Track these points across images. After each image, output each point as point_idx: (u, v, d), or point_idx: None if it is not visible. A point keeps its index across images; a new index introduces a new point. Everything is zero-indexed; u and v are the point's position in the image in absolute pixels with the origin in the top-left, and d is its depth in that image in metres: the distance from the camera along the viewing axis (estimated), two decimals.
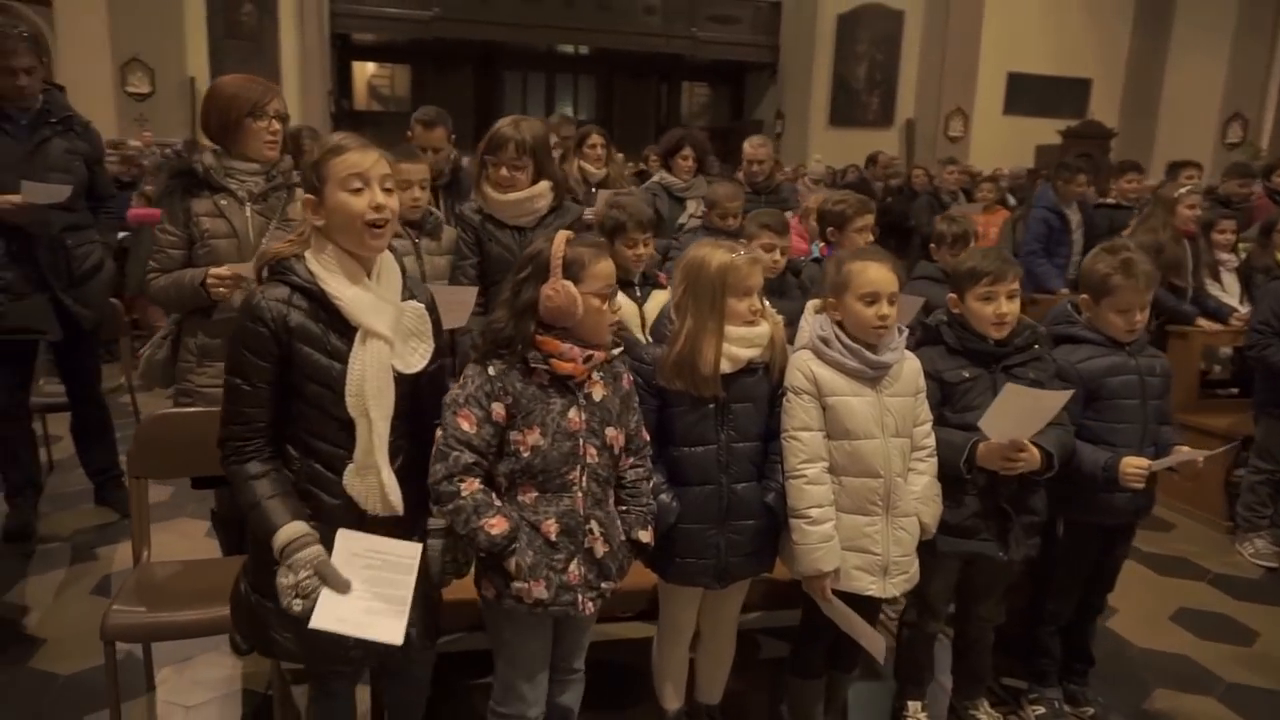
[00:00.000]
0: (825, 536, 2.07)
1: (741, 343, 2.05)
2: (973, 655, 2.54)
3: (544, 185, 2.79)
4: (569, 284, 1.80)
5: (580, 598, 1.88)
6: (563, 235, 1.87)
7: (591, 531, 1.89)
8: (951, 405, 2.26)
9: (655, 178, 5.19)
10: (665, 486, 2.08)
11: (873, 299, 2.09)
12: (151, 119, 13.76)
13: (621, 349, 2.00)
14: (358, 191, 1.71)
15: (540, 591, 1.83)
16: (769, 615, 2.92)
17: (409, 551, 1.78)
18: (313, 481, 1.76)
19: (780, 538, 2.15)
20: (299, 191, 2.69)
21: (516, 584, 1.83)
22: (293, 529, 1.71)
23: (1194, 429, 4.23)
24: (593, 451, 1.89)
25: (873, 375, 2.12)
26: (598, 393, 1.91)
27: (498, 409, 1.82)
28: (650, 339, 2.30)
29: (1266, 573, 3.75)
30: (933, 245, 3.53)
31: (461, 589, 1.98)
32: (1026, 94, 17.04)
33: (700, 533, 2.10)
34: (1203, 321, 4.41)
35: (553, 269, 1.81)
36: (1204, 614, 3.36)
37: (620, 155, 5.36)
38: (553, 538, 1.85)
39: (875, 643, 2.12)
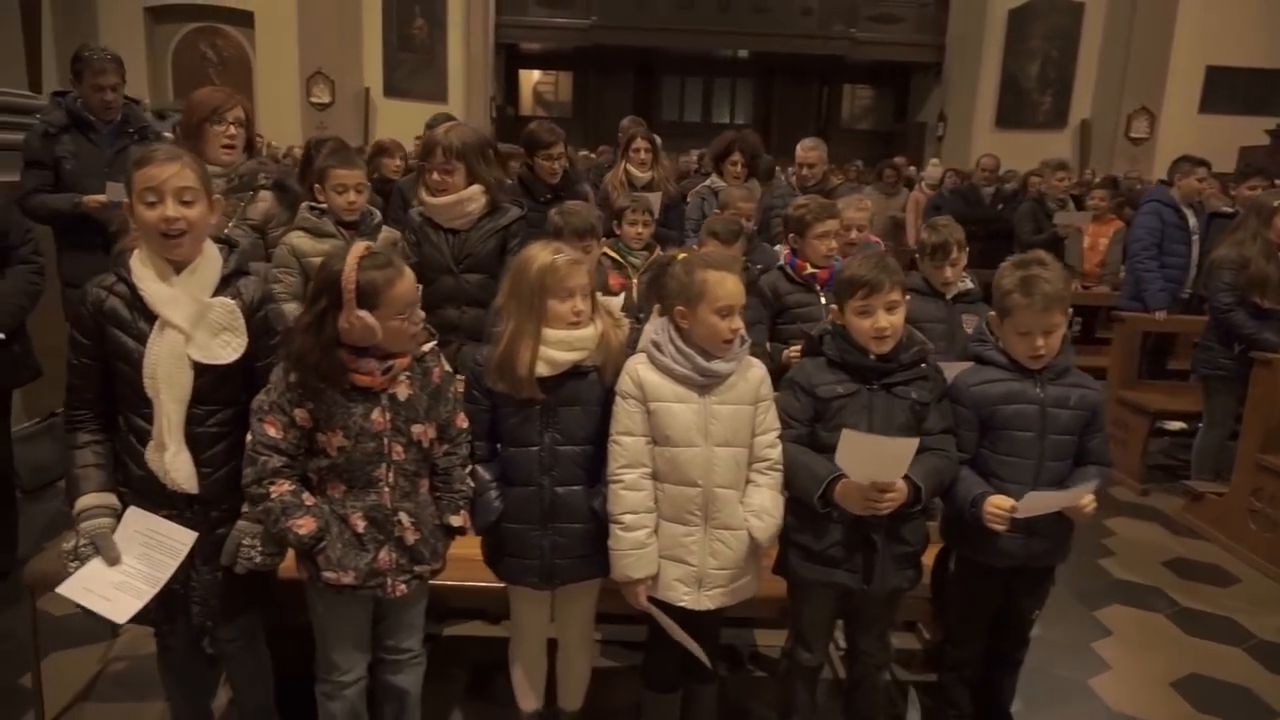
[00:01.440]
0: (637, 543, 2.01)
1: (561, 345, 2.01)
2: (858, 695, 2.35)
3: (475, 189, 2.87)
4: (365, 315, 1.84)
5: (391, 581, 1.95)
6: (354, 260, 1.86)
7: (400, 522, 1.95)
8: (824, 422, 2.09)
9: (707, 181, 5.14)
10: (494, 485, 2.09)
11: (727, 312, 2.00)
12: (329, 127, 14.95)
13: (433, 344, 2.04)
14: (152, 205, 1.86)
15: (349, 579, 1.92)
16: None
17: (183, 538, 1.92)
18: (127, 453, 1.94)
19: None
20: (263, 193, 2.94)
21: (325, 573, 1.92)
22: (90, 499, 1.91)
23: (1276, 473, 3.70)
24: (398, 449, 1.94)
25: (703, 382, 2.02)
26: (402, 392, 1.95)
27: (301, 414, 1.91)
28: None
29: None
30: (916, 255, 3.29)
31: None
32: (1228, 89, 15.23)
33: (524, 533, 2.09)
34: None
35: (345, 300, 1.85)
36: (1218, 684, 2.92)
37: (667, 160, 5.31)
38: (360, 530, 1.92)
39: (700, 650, 2.02)
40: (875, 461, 1.95)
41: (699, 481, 2.02)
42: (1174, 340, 5.39)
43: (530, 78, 21.41)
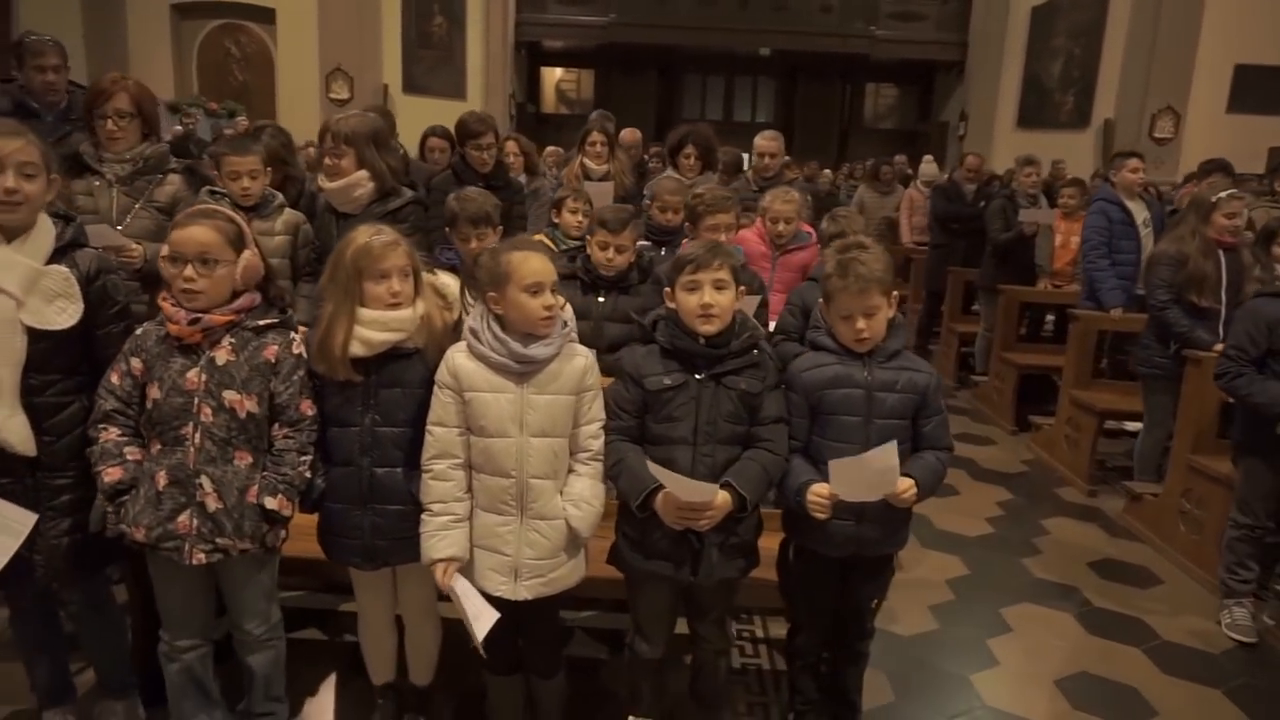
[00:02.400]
0: (441, 526, 2.03)
1: (376, 326, 2.04)
2: (700, 680, 2.35)
3: (361, 175, 2.93)
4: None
5: (189, 547, 1.98)
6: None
7: (202, 486, 1.98)
8: (653, 414, 2.09)
9: (664, 174, 5.15)
10: (319, 466, 2.13)
11: (536, 289, 2.01)
12: None
13: (277, 321, 2.09)
14: None
15: (140, 535, 1.98)
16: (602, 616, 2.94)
17: (24, 520, 2.00)
18: None
19: None
20: (171, 176, 3.02)
21: (121, 525, 1.99)
22: None
23: (1205, 475, 3.61)
24: (208, 411, 1.99)
25: (520, 370, 2.02)
26: (221, 357, 2.00)
27: (136, 363, 2.00)
28: None
29: (1238, 648, 3.13)
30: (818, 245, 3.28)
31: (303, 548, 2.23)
32: (1259, 89, 14.77)
33: (345, 512, 2.12)
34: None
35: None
36: (1105, 683, 2.87)
37: (623, 154, 5.33)
38: (160, 488, 1.97)
39: (480, 628, 2.00)
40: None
41: (512, 472, 2.03)
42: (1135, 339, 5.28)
43: (553, 75, 21.53)
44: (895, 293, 2.16)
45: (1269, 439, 3.02)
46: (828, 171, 13.88)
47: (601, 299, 2.97)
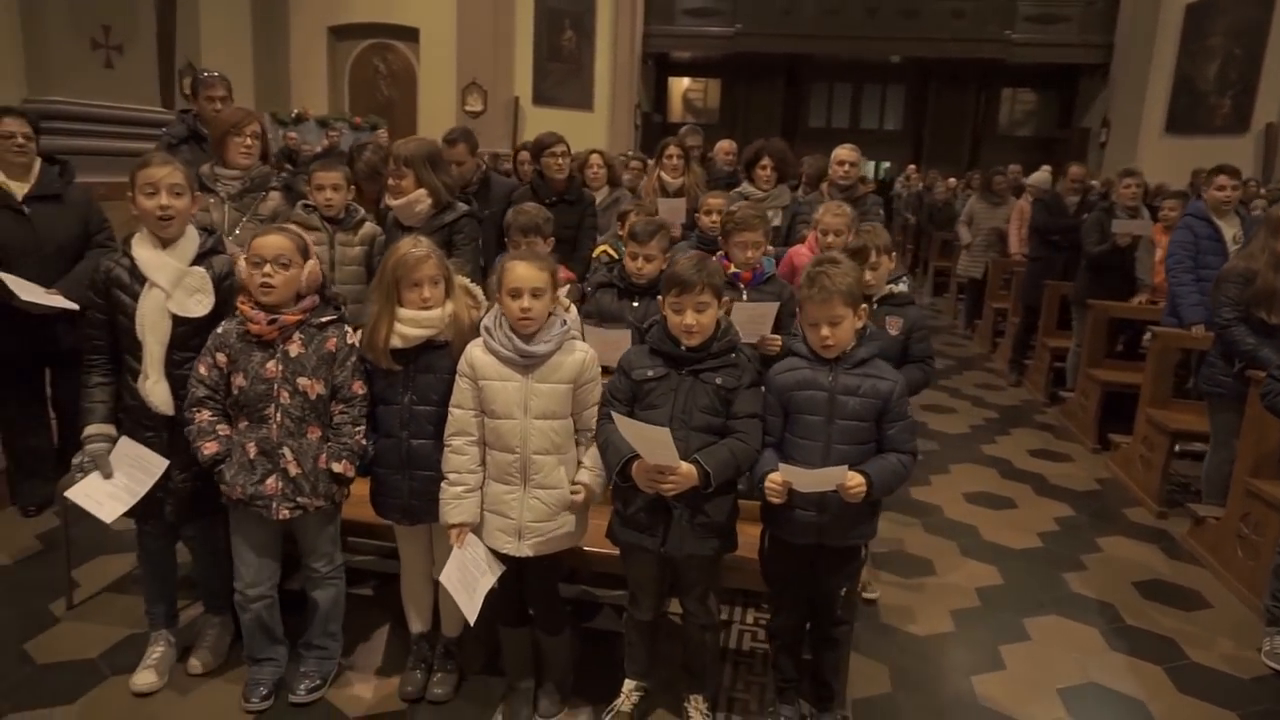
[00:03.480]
0: (456, 495, 2.40)
1: (411, 323, 2.43)
2: (689, 651, 2.60)
3: (420, 192, 3.35)
4: (242, 260, 2.45)
5: (275, 505, 2.44)
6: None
7: (285, 455, 2.44)
8: (639, 402, 2.37)
9: (739, 188, 5.37)
10: (371, 436, 2.53)
11: (516, 293, 2.33)
12: (481, 134, 15.94)
13: (333, 319, 2.50)
14: (150, 195, 2.48)
15: (238, 494, 2.44)
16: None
17: (158, 463, 2.52)
18: (124, 387, 2.56)
19: None
20: (272, 193, 3.54)
21: (223, 486, 2.45)
22: (94, 428, 2.55)
23: (1262, 499, 3.53)
24: (285, 394, 2.43)
25: (524, 363, 2.36)
26: (294, 350, 2.45)
27: (220, 357, 2.46)
28: None
29: (1272, 676, 3.06)
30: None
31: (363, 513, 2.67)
32: None
33: (388, 476, 2.53)
34: None
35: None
36: (1112, 695, 2.90)
37: (698, 167, 5.58)
38: (251, 457, 2.43)
39: (470, 607, 2.39)
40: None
41: (516, 449, 2.37)
42: None
43: (680, 85, 21.92)
44: (864, 306, 2.33)
45: None
46: (951, 180, 13.56)
47: (635, 304, 3.25)
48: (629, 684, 2.65)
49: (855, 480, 2.19)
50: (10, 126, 3.58)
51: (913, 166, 17.60)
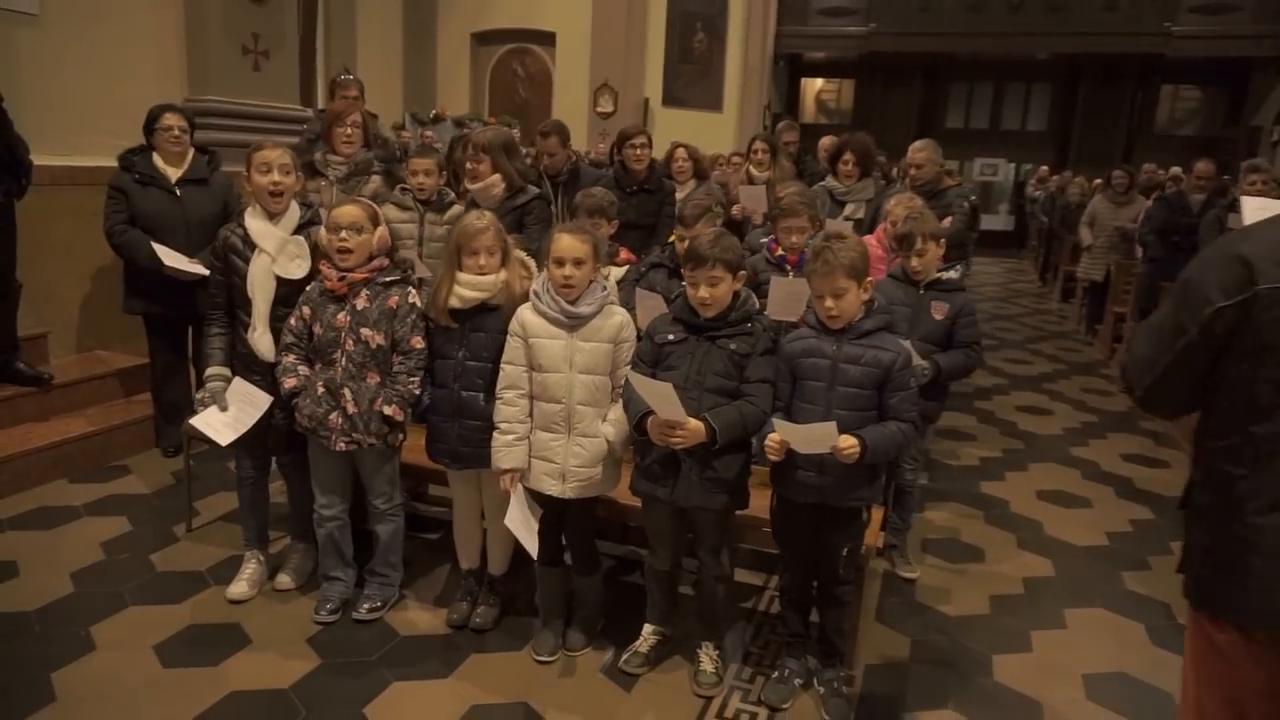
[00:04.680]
0: (507, 444, 2.68)
1: (468, 285, 2.74)
2: (703, 602, 2.79)
3: (495, 177, 3.69)
4: (320, 230, 2.80)
5: (334, 437, 2.82)
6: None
7: (345, 395, 2.81)
8: (660, 364, 2.59)
9: (823, 181, 5.47)
10: (427, 386, 2.87)
11: (560, 262, 2.60)
12: (610, 134, 16.44)
13: (398, 279, 2.86)
14: (264, 172, 2.91)
15: (304, 422, 2.84)
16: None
17: (264, 400, 2.96)
18: (238, 338, 3.02)
19: None
20: (374, 177, 3.97)
21: (297, 415, 2.85)
22: (213, 370, 3.03)
23: None
24: (350, 343, 2.81)
25: (569, 323, 2.63)
26: (360, 304, 2.82)
27: (305, 310, 2.87)
28: None
29: None
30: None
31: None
32: None
33: (439, 423, 2.85)
34: None
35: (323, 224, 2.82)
36: (1138, 684, 2.86)
37: (785, 160, 5.68)
38: (319, 393, 2.82)
39: (526, 538, 2.66)
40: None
41: (562, 400, 2.65)
42: None
43: (813, 86, 21.75)
44: (870, 279, 2.46)
45: None
46: (1080, 180, 12.92)
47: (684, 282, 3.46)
48: (648, 629, 2.86)
49: (848, 443, 2.32)
50: (170, 121, 4.19)
51: (1045, 168, 16.82)
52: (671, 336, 2.58)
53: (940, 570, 3.62)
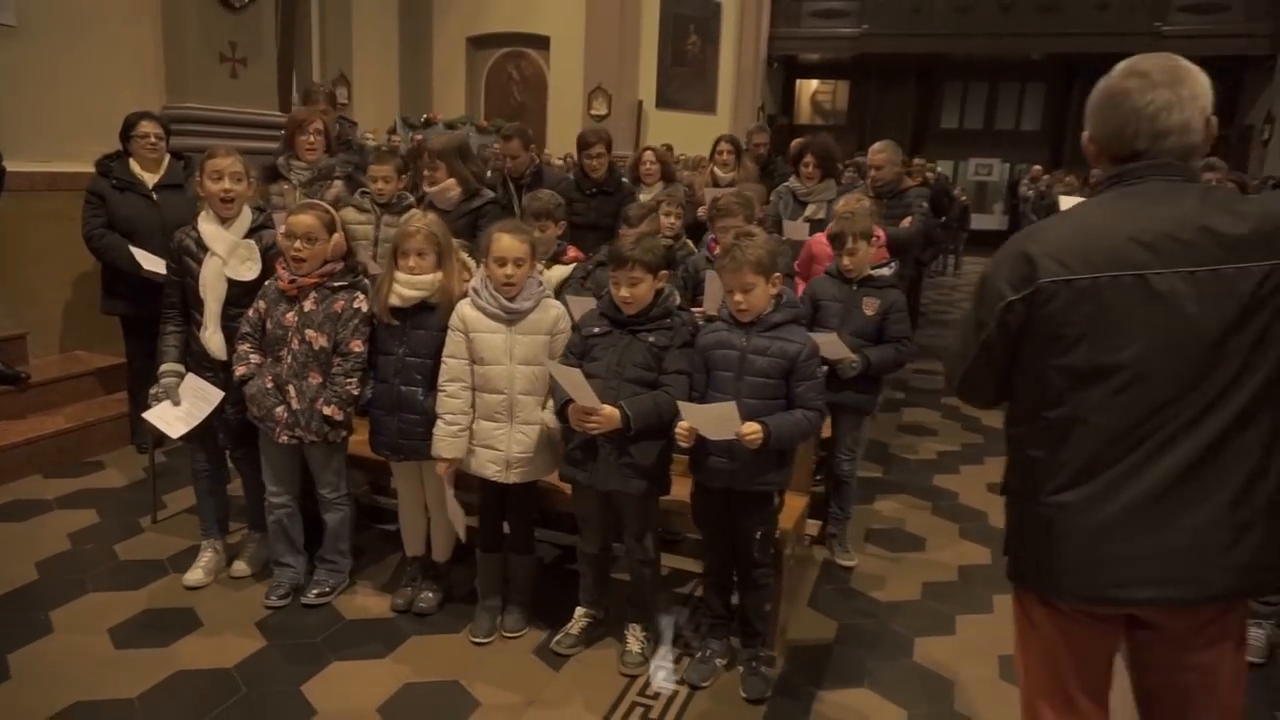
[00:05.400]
0: (449, 434, 2.82)
1: (406, 285, 2.88)
2: (631, 585, 2.92)
3: (450, 182, 3.84)
4: (280, 230, 2.92)
5: (278, 430, 2.96)
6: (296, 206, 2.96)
7: (289, 391, 2.95)
8: (586, 356, 2.73)
9: (787, 183, 5.59)
10: (369, 380, 3.00)
11: (501, 261, 2.74)
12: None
13: (347, 284, 2.99)
14: (216, 179, 3.05)
15: (254, 411, 2.98)
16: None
17: (215, 395, 3.09)
18: (191, 336, 3.15)
19: None
20: (336, 182, 4.12)
21: (247, 400, 2.99)
22: (167, 366, 3.17)
23: None
24: (296, 342, 2.94)
25: (508, 318, 2.77)
26: (308, 306, 2.95)
27: (261, 305, 3.02)
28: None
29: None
30: None
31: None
32: None
33: (381, 417, 2.99)
34: None
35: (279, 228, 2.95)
36: None
37: (749, 161, 5.80)
38: (268, 387, 2.96)
39: (457, 523, 2.79)
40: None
41: (504, 390, 2.79)
42: None
43: (809, 87, 21.84)
44: (778, 274, 2.58)
45: None
46: (1070, 179, 13.02)
47: None
48: (579, 611, 2.99)
49: (750, 429, 2.44)
50: (146, 129, 4.34)
51: (1038, 167, 16.87)
52: (596, 330, 2.72)
53: (879, 559, 3.73)
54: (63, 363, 4.99)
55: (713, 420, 2.44)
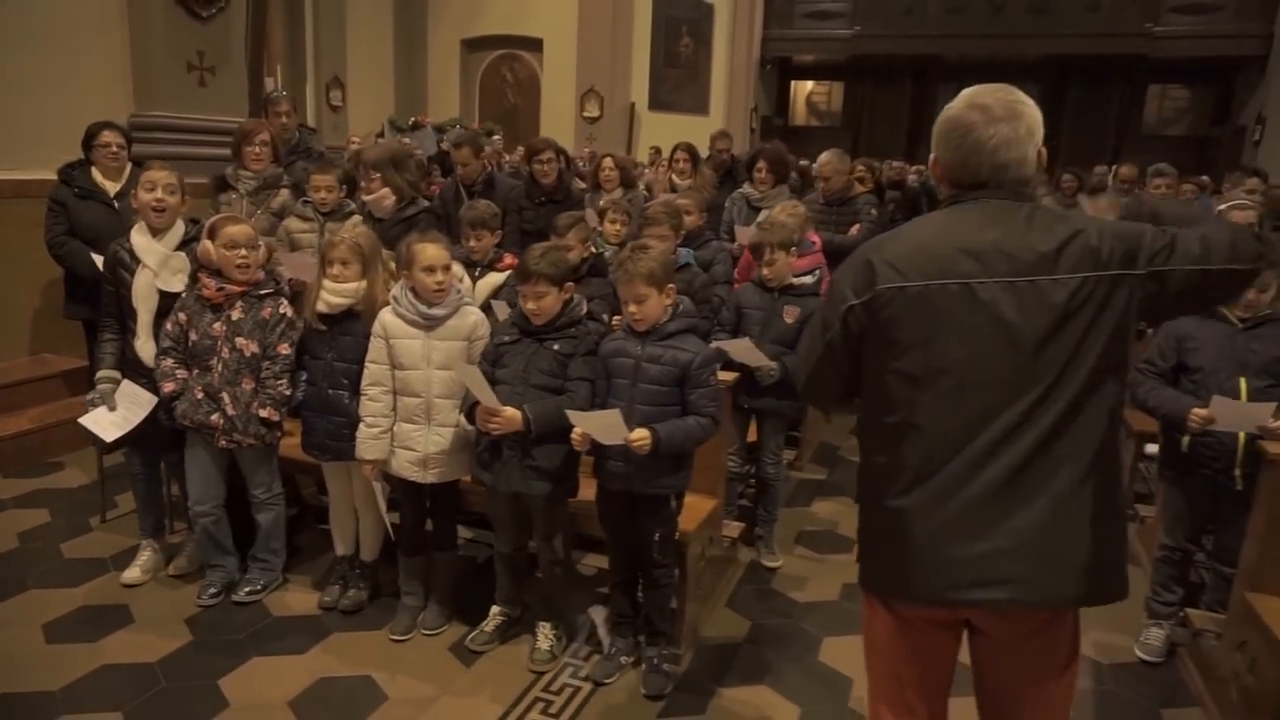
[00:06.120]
0: (371, 436, 2.95)
1: (332, 292, 3.01)
2: (542, 583, 3.03)
3: (385, 191, 3.96)
4: (207, 242, 3.00)
5: (217, 435, 3.08)
6: (218, 215, 3.06)
7: (224, 399, 3.06)
8: (498, 362, 2.83)
9: (741, 189, 5.69)
10: (299, 384, 3.12)
11: (430, 270, 2.85)
12: (597, 139, 16.73)
13: (271, 291, 3.10)
14: (149, 189, 3.17)
15: (186, 423, 3.09)
16: None
17: (148, 400, 3.20)
18: (126, 344, 3.27)
19: None
20: (282, 190, 4.23)
21: (176, 416, 3.10)
22: (102, 373, 3.29)
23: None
24: (226, 350, 3.06)
25: (425, 324, 2.89)
26: (236, 315, 3.07)
27: (182, 317, 3.12)
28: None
29: (1138, 664, 3.12)
30: None
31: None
32: None
33: (310, 419, 3.11)
34: None
35: (204, 235, 3.05)
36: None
37: (706, 168, 5.90)
38: (199, 397, 3.07)
39: (389, 525, 2.95)
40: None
41: (421, 394, 2.91)
42: None
43: (804, 88, 21.87)
44: (671, 285, 2.68)
45: (1178, 458, 3.01)
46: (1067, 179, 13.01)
47: None
48: (495, 609, 3.10)
49: (638, 435, 2.54)
50: (108, 138, 4.46)
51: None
52: (507, 338, 2.83)
53: (805, 560, 3.83)
54: (30, 365, 5.12)
55: (602, 426, 2.54)
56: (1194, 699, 2.93)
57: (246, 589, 3.27)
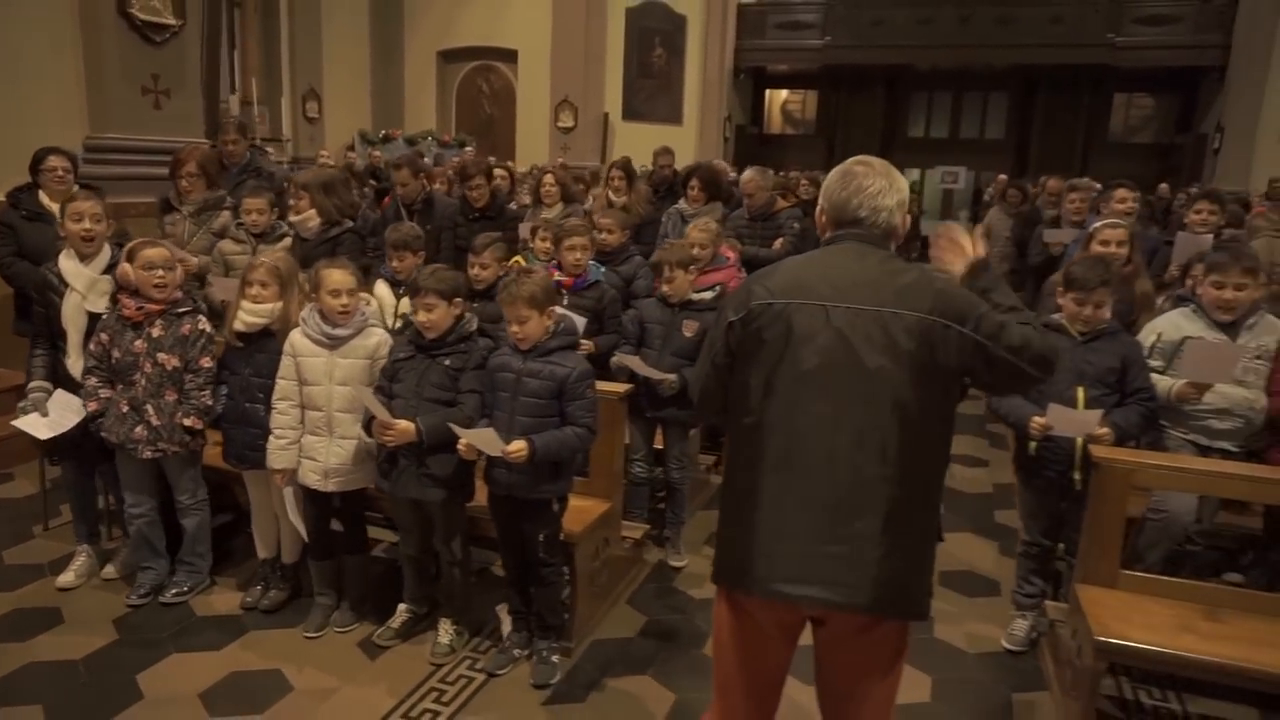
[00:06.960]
0: (279, 447, 3.17)
1: (249, 312, 3.23)
2: (443, 582, 3.25)
3: (311, 212, 4.20)
4: (125, 265, 3.23)
5: (141, 447, 3.28)
6: (137, 240, 3.28)
7: (148, 410, 3.27)
8: (394, 378, 3.05)
9: (676, 205, 5.93)
10: (220, 397, 3.34)
11: (336, 294, 3.08)
12: (571, 148, 16.95)
13: (190, 309, 3.32)
14: (77, 220, 3.38)
15: (113, 439, 3.30)
16: None
17: (79, 407, 3.40)
18: (58, 361, 3.49)
19: None
20: (223, 213, 4.45)
21: (102, 433, 3.31)
22: (35, 383, 3.51)
23: None
24: (148, 365, 3.27)
25: (329, 343, 3.11)
26: (156, 332, 3.28)
27: (104, 336, 3.34)
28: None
29: (1003, 654, 3.36)
30: None
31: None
32: None
33: (229, 430, 3.33)
34: None
35: (123, 257, 3.26)
36: None
37: (642, 185, 6.14)
38: (123, 411, 3.29)
39: (305, 529, 3.18)
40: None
41: (323, 408, 3.12)
42: None
43: (778, 97, 22.16)
44: (553, 307, 2.91)
45: (1026, 460, 3.25)
46: (1051, 184, 13.30)
47: (475, 304, 3.90)
48: (401, 607, 3.32)
49: (515, 447, 2.77)
50: (54, 163, 4.66)
51: (1003, 176, 17.15)
52: (403, 354, 3.05)
53: (710, 559, 4.04)
54: None
55: (482, 440, 2.77)
56: (1045, 684, 3.17)
57: (173, 590, 3.48)
